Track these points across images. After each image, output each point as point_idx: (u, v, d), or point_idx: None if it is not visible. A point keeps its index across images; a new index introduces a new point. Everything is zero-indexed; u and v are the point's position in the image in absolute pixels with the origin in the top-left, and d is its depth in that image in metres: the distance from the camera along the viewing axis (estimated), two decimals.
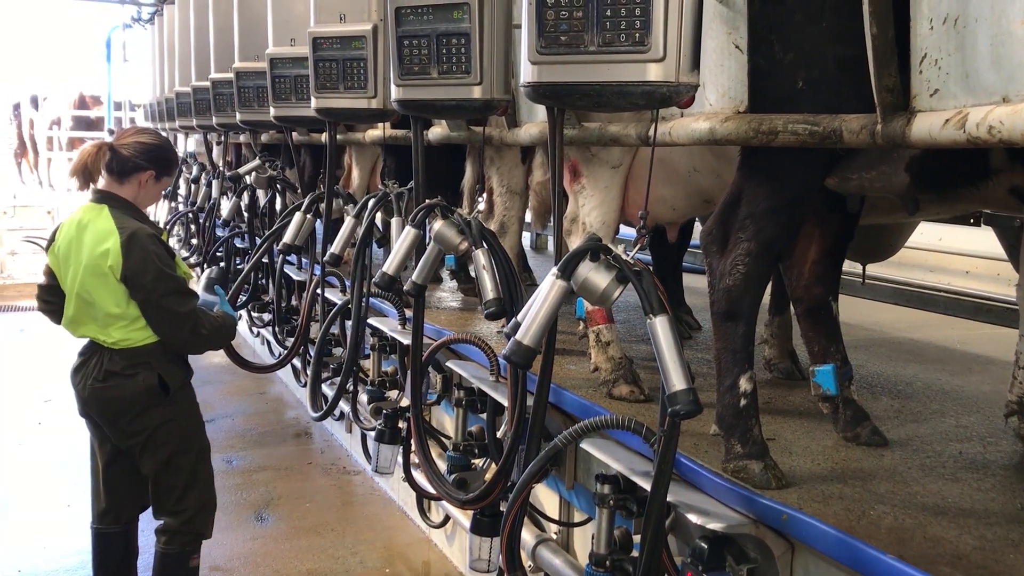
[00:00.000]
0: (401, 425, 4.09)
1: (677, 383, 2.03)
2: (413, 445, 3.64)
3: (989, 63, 1.73)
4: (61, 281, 3.59)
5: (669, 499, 2.26)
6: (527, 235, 8.04)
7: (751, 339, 2.55)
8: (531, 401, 2.82)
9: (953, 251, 5.87)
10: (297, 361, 5.64)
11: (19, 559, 4.65)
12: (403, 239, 3.26)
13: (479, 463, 3.59)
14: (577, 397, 3.16)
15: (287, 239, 5.00)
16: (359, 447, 5.28)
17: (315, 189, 5.08)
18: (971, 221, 3.99)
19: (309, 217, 4.98)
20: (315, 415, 4.77)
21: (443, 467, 3.53)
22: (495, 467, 3.16)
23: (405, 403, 4.01)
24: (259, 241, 6.01)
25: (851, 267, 3.61)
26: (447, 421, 4.29)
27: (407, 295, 3.36)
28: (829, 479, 2.47)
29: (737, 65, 2.36)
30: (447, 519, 4.40)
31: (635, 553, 2.49)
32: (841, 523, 2.15)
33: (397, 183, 4.25)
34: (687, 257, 5.07)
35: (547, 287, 2.22)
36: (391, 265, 3.27)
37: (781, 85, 2.32)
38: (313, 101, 4.12)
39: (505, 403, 3.11)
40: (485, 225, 3.04)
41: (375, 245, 4.48)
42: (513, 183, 4.47)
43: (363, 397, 4.58)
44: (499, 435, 3.40)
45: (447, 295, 5.30)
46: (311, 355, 4.95)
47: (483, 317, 2.96)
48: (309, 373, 4.91)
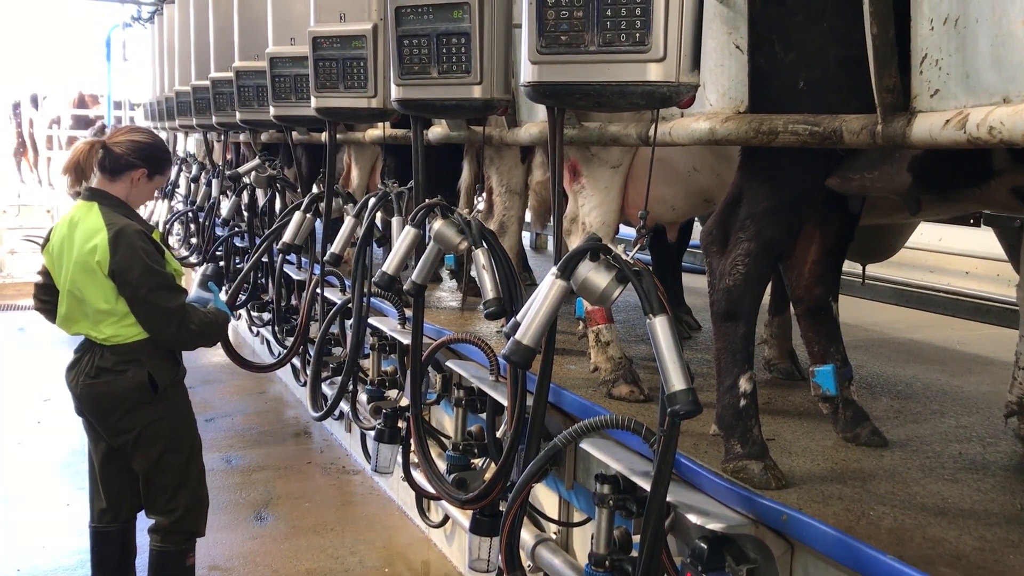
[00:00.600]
0: (401, 425, 4.09)
1: (677, 383, 2.03)
2: (413, 445, 3.64)
3: (990, 63, 1.72)
4: (56, 279, 3.61)
5: (669, 499, 2.25)
6: (527, 235, 8.04)
7: (751, 339, 2.54)
8: (531, 401, 2.82)
9: (953, 251, 5.87)
10: (297, 360, 5.64)
11: (18, 558, 4.65)
12: (403, 239, 3.26)
13: (479, 463, 3.59)
14: (577, 397, 3.16)
15: (287, 238, 5.00)
16: (359, 447, 5.28)
17: (312, 189, 5.07)
18: (971, 222, 3.99)
19: (309, 216, 4.98)
20: (315, 415, 4.76)
21: (443, 467, 3.53)
22: (495, 467, 3.16)
23: (405, 403, 4.01)
24: (259, 240, 6.02)
25: (851, 267, 3.61)
26: (447, 421, 4.28)
27: (407, 295, 3.35)
28: (829, 479, 2.47)
29: (737, 65, 2.35)
30: (446, 519, 4.40)
31: (635, 553, 2.49)
32: (841, 523, 2.15)
33: (397, 183, 4.26)
34: (687, 257, 5.07)
35: (547, 287, 2.22)
36: (391, 265, 3.27)
37: (782, 85, 2.32)
38: (313, 100, 4.12)
39: (505, 403, 3.11)
40: (484, 225, 3.04)
41: (375, 245, 4.48)
42: (513, 183, 4.47)
43: (363, 397, 4.58)
44: (499, 435, 3.40)
45: (447, 295, 5.29)
46: (311, 355, 4.95)
47: (483, 317, 2.96)
48: (309, 373, 4.91)
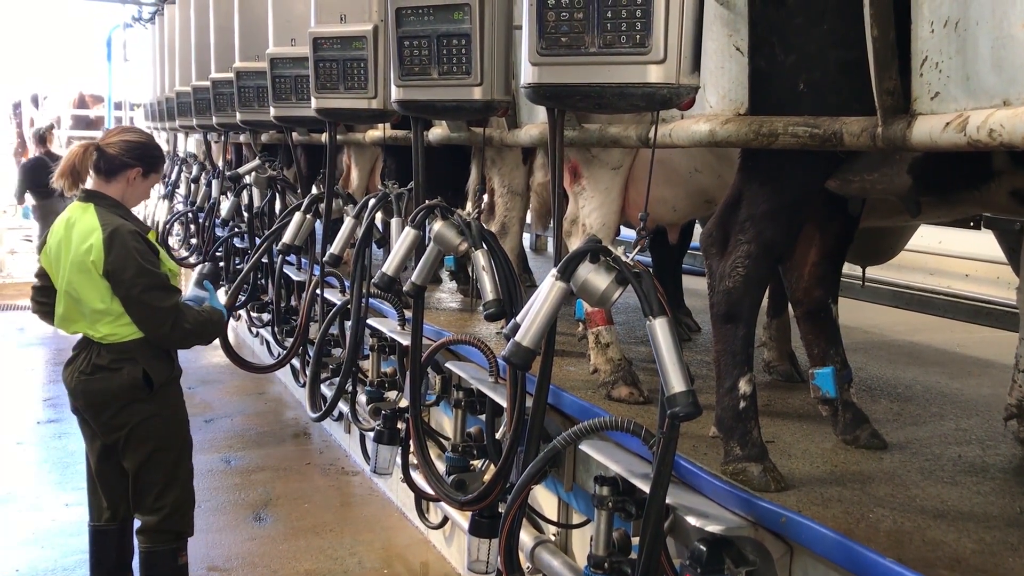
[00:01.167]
0: (400, 426, 4.09)
1: (676, 385, 2.02)
2: (412, 446, 3.64)
3: (990, 66, 1.72)
4: (53, 280, 3.63)
5: (668, 501, 2.25)
6: (527, 236, 8.04)
7: (751, 341, 2.54)
8: (530, 402, 2.81)
9: (953, 254, 5.87)
10: (296, 361, 5.64)
11: (17, 559, 4.65)
12: (403, 240, 3.26)
13: (478, 464, 3.58)
14: (576, 398, 3.15)
15: (287, 239, 5.00)
16: (358, 448, 5.28)
17: (311, 190, 5.08)
18: (971, 224, 3.99)
19: (309, 217, 4.98)
20: (314, 416, 4.76)
21: (442, 468, 3.53)
22: (494, 468, 3.16)
23: (404, 404, 4.01)
24: (258, 241, 6.02)
25: (851, 269, 3.61)
26: (446, 422, 4.28)
27: (406, 296, 3.35)
28: (828, 482, 2.47)
29: (738, 67, 2.35)
30: (446, 520, 4.40)
31: (634, 555, 2.49)
32: (840, 526, 2.15)
33: (397, 184, 4.26)
34: (687, 259, 5.07)
35: (547, 288, 2.22)
36: (390, 266, 3.26)
37: (782, 87, 2.32)
38: (313, 101, 4.12)
39: (504, 404, 3.11)
40: (485, 226, 3.04)
41: (375, 246, 4.48)
42: (514, 184, 4.47)
43: (362, 398, 4.58)
44: (498, 436, 3.40)
45: (446, 296, 5.29)
46: (310, 355, 4.95)
47: (482, 318, 2.96)
48: (308, 373, 4.91)
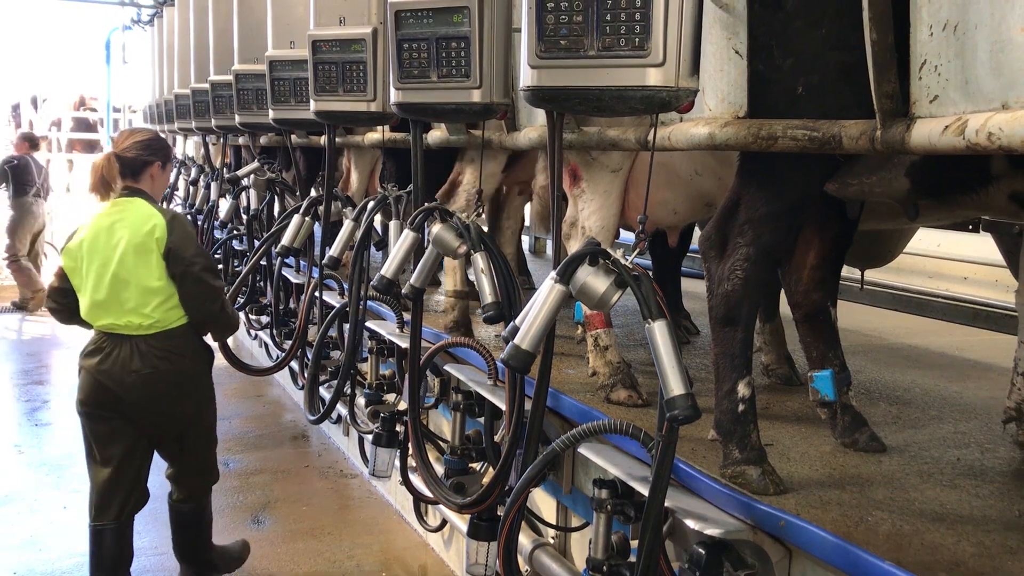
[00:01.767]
0: (399, 429, 4.09)
1: (675, 388, 2.02)
2: (411, 449, 3.64)
3: (989, 69, 1.72)
4: (79, 278, 3.78)
5: (667, 504, 2.25)
6: (526, 238, 8.04)
7: (749, 344, 2.54)
8: (529, 405, 2.81)
9: (952, 257, 5.88)
10: (295, 364, 5.64)
11: (15, 562, 4.64)
12: (401, 242, 3.26)
13: (477, 467, 3.58)
14: (575, 401, 3.15)
15: (285, 241, 5.00)
16: (356, 450, 5.27)
17: (310, 192, 5.08)
18: (970, 227, 3.99)
19: (307, 219, 4.97)
20: (311, 418, 4.76)
21: (440, 471, 3.53)
22: (493, 471, 3.16)
23: (403, 407, 4.00)
24: (257, 243, 6.01)
25: (850, 272, 3.61)
26: (445, 425, 4.28)
27: (405, 298, 3.35)
28: (827, 485, 2.47)
29: (736, 70, 2.36)
30: (444, 523, 4.39)
31: (633, 558, 2.48)
32: (839, 529, 2.15)
33: (396, 186, 4.25)
34: (686, 262, 5.08)
35: (545, 291, 2.22)
36: (389, 268, 3.26)
37: (781, 90, 2.32)
38: (312, 104, 4.11)
39: (503, 407, 3.11)
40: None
41: (373, 248, 4.48)
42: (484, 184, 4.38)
43: (360, 400, 4.58)
44: (497, 439, 3.40)
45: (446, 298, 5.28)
46: (309, 358, 4.94)
47: (481, 320, 2.95)
48: (306, 376, 4.91)
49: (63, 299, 3.88)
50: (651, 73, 2.10)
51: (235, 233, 6.93)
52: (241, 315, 6.54)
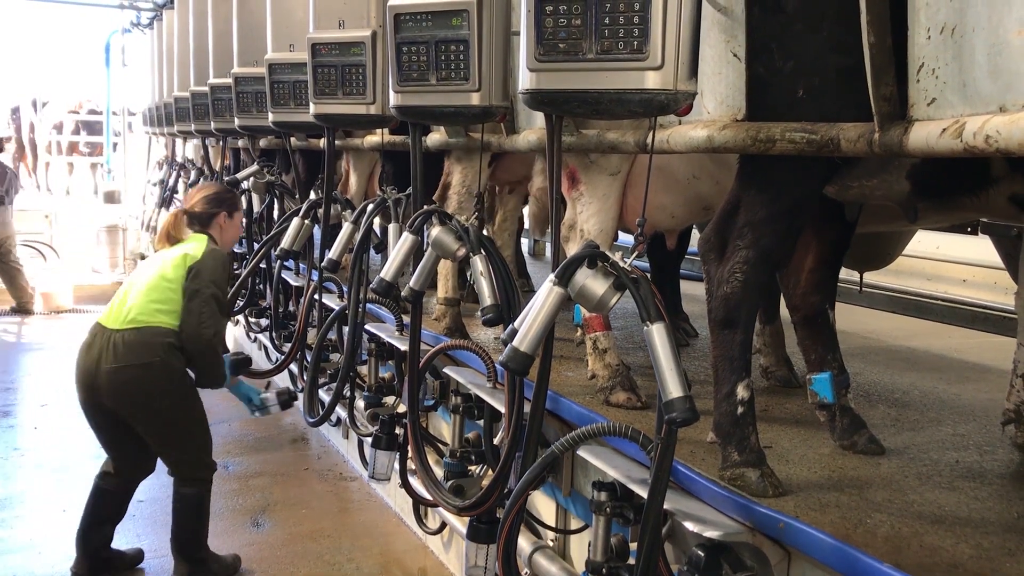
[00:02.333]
0: (398, 431, 4.08)
1: (674, 390, 2.03)
2: (410, 451, 3.63)
3: (986, 72, 1.73)
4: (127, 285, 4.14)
5: (666, 507, 2.25)
6: (525, 241, 8.04)
7: (748, 347, 2.55)
8: (528, 408, 2.81)
9: (950, 259, 5.88)
10: (294, 366, 5.63)
11: (14, 564, 4.63)
12: (401, 245, 3.26)
13: (476, 470, 3.58)
14: (574, 404, 3.15)
15: (285, 244, 5.00)
16: (356, 453, 5.27)
17: (310, 195, 5.08)
18: (969, 230, 3.99)
19: (307, 222, 4.97)
20: (310, 420, 4.76)
21: (440, 473, 3.53)
22: (492, 474, 3.15)
23: (402, 409, 4.00)
24: (257, 246, 6.01)
25: (849, 275, 3.61)
26: (444, 427, 4.28)
27: (404, 301, 3.36)
28: (826, 487, 2.47)
29: (735, 73, 2.36)
30: (444, 526, 4.39)
31: (632, 561, 2.48)
32: (837, 531, 2.15)
33: (395, 189, 4.25)
34: (685, 264, 5.08)
35: (544, 293, 2.22)
36: (389, 271, 3.27)
37: (780, 93, 2.32)
38: (312, 107, 4.12)
39: (502, 409, 3.11)
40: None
41: (373, 251, 4.48)
42: (474, 185, 4.38)
43: (360, 403, 4.58)
44: (496, 442, 3.40)
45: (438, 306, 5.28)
46: (308, 361, 4.94)
47: (480, 323, 2.96)
48: (306, 378, 4.91)
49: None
50: (650, 76, 2.10)
51: None
52: (240, 318, 6.55)
